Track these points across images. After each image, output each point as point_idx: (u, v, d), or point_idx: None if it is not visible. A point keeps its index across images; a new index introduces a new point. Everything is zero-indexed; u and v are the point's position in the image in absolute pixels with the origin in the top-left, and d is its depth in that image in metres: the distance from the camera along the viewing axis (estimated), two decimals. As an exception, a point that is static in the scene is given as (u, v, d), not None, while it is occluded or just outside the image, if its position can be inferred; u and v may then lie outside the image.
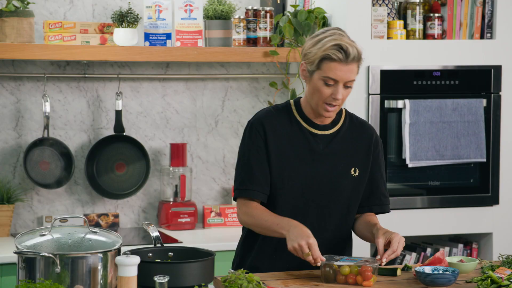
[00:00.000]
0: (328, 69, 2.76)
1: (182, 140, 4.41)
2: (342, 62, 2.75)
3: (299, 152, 2.87)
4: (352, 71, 2.78)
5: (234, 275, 2.44)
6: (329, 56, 2.75)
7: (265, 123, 2.87)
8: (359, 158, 2.93)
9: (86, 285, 2.33)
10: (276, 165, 2.86)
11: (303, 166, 2.87)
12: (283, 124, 2.89)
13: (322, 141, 2.90)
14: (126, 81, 4.33)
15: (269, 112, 2.91)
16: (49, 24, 4.01)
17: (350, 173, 2.91)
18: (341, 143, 2.91)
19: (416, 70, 4.16)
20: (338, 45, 2.75)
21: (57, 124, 4.24)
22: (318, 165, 2.88)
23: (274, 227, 2.78)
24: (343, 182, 2.90)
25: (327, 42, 2.76)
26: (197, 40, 4.11)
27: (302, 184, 2.87)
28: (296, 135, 2.88)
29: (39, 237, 2.41)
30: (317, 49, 2.77)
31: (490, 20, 4.27)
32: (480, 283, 2.60)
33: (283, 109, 2.93)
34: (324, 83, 2.78)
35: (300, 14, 4.15)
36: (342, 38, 2.78)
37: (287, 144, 2.87)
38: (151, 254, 2.63)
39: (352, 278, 2.66)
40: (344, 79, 2.77)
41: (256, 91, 4.51)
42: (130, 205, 4.36)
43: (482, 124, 4.20)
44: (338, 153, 2.90)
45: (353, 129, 2.95)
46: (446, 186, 4.25)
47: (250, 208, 2.86)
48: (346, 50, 2.74)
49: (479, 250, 4.37)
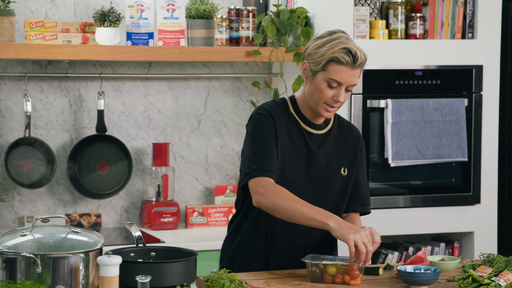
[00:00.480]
0: (333, 71, 2.78)
1: (165, 139, 4.41)
2: (349, 66, 2.77)
3: (297, 149, 2.90)
4: (356, 76, 2.81)
5: (216, 275, 2.44)
6: (337, 59, 2.77)
7: (273, 115, 2.87)
8: (348, 158, 2.97)
9: (68, 285, 2.32)
10: (280, 157, 2.86)
11: (300, 163, 2.89)
12: (284, 119, 2.91)
13: (317, 140, 2.92)
14: (108, 81, 4.32)
15: (272, 106, 2.91)
16: (30, 23, 3.99)
17: (340, 172, 2.94)
18: (332, 143, 2.94)
19: (398, 70, 4.17)
20: (347, 49, 2.77)
21: (39, 123, 4.22)
22: (313, 163, 2.90)
23: (314, 214, 2.70)
24: (335, 181, 2.93)
25: (336, 45, 2.78)
26: (180, 40, 4.10)
27: (298, 180, 2.89)
28: (295, 132, 2.91)
29: (20, 237, 2.40)
30: (325, 50, 2.78)
31: (472, 20, 4.29)
32: (461, 281, 2.61)
33: (282, 105, 2.94)
34: (328, 84, 2.80)
35: (283, 13, 4.15)
36: (349, 41, 2.80)
37: (288, 139, 2.89)
38: (133, 254, 2.62)
39: (340, 277, 2.66)
40: (347, 83, 2.80)
41: (239, 91, 4.51)
42: (112, 205, 4.35)
43: (464, 123, 4.22)
44: (330, 152, 2.93)
45: (342, 130, 2.99)
46: (428, 185, 4.26)
47: (279, 188, 2.75)
48: (355, 55, 2.77)
49: (460, 249, 4.39)
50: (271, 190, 2.74)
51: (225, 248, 3.03)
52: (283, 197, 2.73)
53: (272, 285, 2.65)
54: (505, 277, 2.58)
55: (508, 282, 2.57)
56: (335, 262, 2.67)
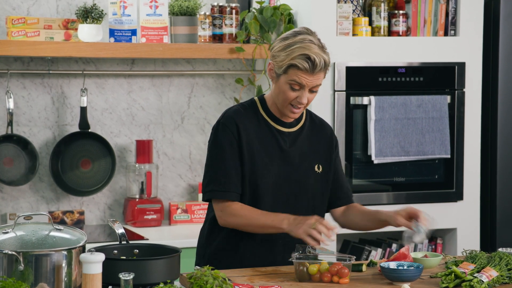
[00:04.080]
0: (294, 75, 2.78)
1: (148, 136, 4.40)
2: (308, 72, 2.76)
3: (269, 150, 2.88)
4: (319, 78, 2.80)
5: (200, 272, 2.44)
6: (296, 65, 2.76)
7: (237, 122, 2.87)
8: (322, 155, 2.97)
9: (50, 282, 2.31)
10: (249, 163, 2.86)
11: (272, 163, 2.89)
12: (252, 122, 2.89)
13: (288, 138, 2.92)
14: (91, 78, 4.30)
15: (238, 111, 2.91)
16: (12, 20, 3.96)
17: (314, 169, 2.94)
18: (305, 141, 2.94)
19: (381, 67, 4.18)
20: (305, 55, 2.75)
21: (21, 120, 4.20)
22: (286, 162, 2.90)
23: (269, 223, 2.79)
24: (309, 178, 2.93)
25: (295, 50, 2.76)
26: (163, 37, 4.10)
27: (273, 181, 2.88)
28: (265, 133, 2.89)
29: (2, 235, 2.39)
30: (285, 55, 2.78)
31: (454, 17, 4.31)
32: (444, 278, 2.62)
33: (249, 107, 2.93)
34: (290, 87, 2.80)
35: (266, 10, 4.15)
36: (311, 46, 2.77)
37: (257, 142, 2.88)
38: (117, 251, 2.61)
39: (327, 276, 2.65)
40: (310, 85, 2.80)
41: (222, 88, 4.50)
42: (95, 202, 4.33)
43: (447, 120, 4.24)
44: (303, 150, 2.93)
45: (314, 127, 2.98)
46: (411, 182, 4.28)
47: (235, 209, 2.84)
48: (314, 61, 2.75)
49: (443, 245, 4.41)
50: (227, 213, 2.85)
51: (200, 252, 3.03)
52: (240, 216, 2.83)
53: (256, 281, 2.65)
54: (487, 273, 2.60)
55: (490, 278, 2.58)
56: (318, 260, 2.67)
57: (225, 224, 2.88)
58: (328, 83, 4.10)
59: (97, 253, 2.28)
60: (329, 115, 4.10)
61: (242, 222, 2.84)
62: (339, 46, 4.10)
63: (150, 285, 2.44)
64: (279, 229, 2.78)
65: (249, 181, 2.86)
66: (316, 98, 4.05)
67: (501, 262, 2.68)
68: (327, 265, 2.65)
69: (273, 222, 2.78)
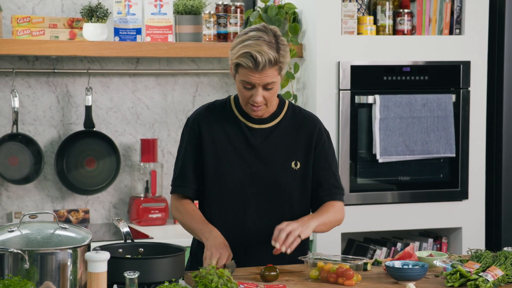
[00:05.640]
0: (243, 74, 2.76)
1: (153, 135, 4.40)
2: (253, 70, 2.73)
3: (236, 147, 2.88)
4: (268, 76, 2.74)
5: (205, 271, 2.44)
6: (240, 64, 2.75)
7: (200, 120, 2.91)
8: (300, 151, 2.91)
9: (55, 281, 2.32)
10: (212, 160, 2.88)
11: (240, 160, 2.88)
12: (220, 119, 2.90)
13: (260, 135, 2.90)
14: (96, 76, 4.31)
15: (206, 108, 2.95)
16: (17, 19, 3.97)
17: (290, 166, 2.90)
18: (280, 137, 2.90)
19: (386, 66, 4.18)
20: (248, 53, 2.72)
21: (26, 119, 4.21)
22: (256, 159, 2.88)
23: (197, 231, 2.87)
24: (282, 175, 2.89)
25: (240, 49, 2.74)
26: (167, 35, 4.10)
27: (240, 178, 2.87)
28: (233, 130, 2.89)
29: (7, 233, 2.39)
30: (232, 54, 2.77)
31: (459, 16, 4.30)
32: (449, 277, 2.62)
33: (221, 104, 2.95)
34: (243, 86, 2.79)
35: (271, 9, 4.15)
36: (257, 43, 2.72)
37: (224, 139, 2.88)
38: (121, 250, 2.62)
39: (333, 277, 2.65)
40: (261, 84, 2.76)
41: (227, 87, 4.50)
42: (100, 201, 4.34)
43: (452, 119, 4.23)
44: (277, 146, 2.89)
45: (295, 122, 2.93)
46: (416, 181, 4.27)
47: (181, 204, 2.95)
48: (256, 59, 2.71)
49: (448, 244, 4.40)
50: (174, 207, 2.97)
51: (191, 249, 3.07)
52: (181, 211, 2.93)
53: (260, 280, 2.65)
54: (492, 273, 2.59)
55: (495, 278, 2.58)
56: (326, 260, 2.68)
57: (174, 217, 3.02)
58: (332, 82, 4.10)
59: (102, 251, 2.28)
60: (334, 114, 4.10)
61: (179, 218, 2.94)
62: (343, 45, 4.10)
63: (155, 283, 2.44)
64: (200, 238, 2.86)
65: (214, 177, 2.88)
66: (321, 97, 4.07)
67: (507, 261, 2.68)
68: (334, 267, 2.65)
69: (199, 231, 2.86)
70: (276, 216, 2.87)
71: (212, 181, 2.89)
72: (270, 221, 2.85)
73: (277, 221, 2.81)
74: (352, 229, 4.12)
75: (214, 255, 2.72)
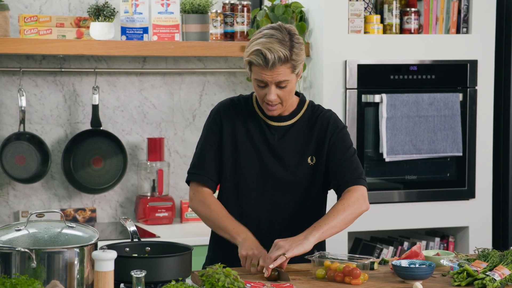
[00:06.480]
0: (255, 72, 2.78)
1: (160, 134, 4.40)
2: (264, 68, 2.74)
3: (254, 142, 2.90)
4: (279, 73, 2.75)
5: (212, 270, 2.44)
6: (252, 62, 2.76)
7: (222, 113, 2.93)
8: (315, 147, 2.91)
9: (63, 280, 2.32)
10: (232, 153, 2.90)
11: (257, 155, 2.90)
12: (241, 114, 2.92)
13: (278, 132, 2.91)
14: (102, 75, 4.31)
15: (229, 102, 2.97)
16: (24, 18, 3.98)
17: (307, 162, 2.91)
18: (296, 135, 2.91)
19: (393, 65, 4.17)
20: (258, 51, 2.73)
21: (33, 118, 4.21)
22: (273, 155, 2.90)
23: (230, 229, 2.83)
24: (298, 172, 2.90)
25: (252, 47, 2.76)
26: (174, 34, 4.10)
27: (256, 172, 2.89)
28: (253, 126, 2.91)
29: (14, 232, 2.39)
30: (246, 52, 2.80)
31: (466, 14, 4.29)
32: (456, 276, 2.61)
33: (244, 99, 2.97)
34: (257, 84, 2.81)
35: (277, 8, 4.15)
36: (269, 40, 2.73)
37: (243, 134, 2.91)
38: (128, 249, 2.62)
39: (340, 276, 2.65)
40: (273, 81, 2.77)
41: (234, 86, 4.50)
42: (107, 200, 4.34)
43: (459, 118, 4.23)
44: (293, 144, 2.91)
45: (311, 120, 2.94)
46: (423, 180, 4.27)
47: (206, 197, 2.91)
48: (265, 56, 2.71)
49: (455, 243, 4.40)
50: (198, 198, 2.92)
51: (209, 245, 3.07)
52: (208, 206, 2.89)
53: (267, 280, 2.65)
54: (499, 272, 2.59)
55: (502, 277, 2.57)
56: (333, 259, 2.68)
57: (192, 208, 2.96)
58: (339, 81, 4.10)
59: (109, 250, 2.28)
60: (341, 112, 4.09)
61: (206, 213, 2.89)
62: (350, 44, 4.10)
63: (161, 282, 2.44)
64: (233, 238, 2.82)
65: (232, 170, 2.90)
66: (327, 96, 4.07)
67: (514, 260, 2.67)
68: (341, 266, 2.65)
69: (233, 229, 2.82)
70: (290, 211, 2.90)
71: (229, 172, 2.91)
72: (284, 215, 2.89)
73: (291, 216, 2.87)
74: (358, 228, 4.12)
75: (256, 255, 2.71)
